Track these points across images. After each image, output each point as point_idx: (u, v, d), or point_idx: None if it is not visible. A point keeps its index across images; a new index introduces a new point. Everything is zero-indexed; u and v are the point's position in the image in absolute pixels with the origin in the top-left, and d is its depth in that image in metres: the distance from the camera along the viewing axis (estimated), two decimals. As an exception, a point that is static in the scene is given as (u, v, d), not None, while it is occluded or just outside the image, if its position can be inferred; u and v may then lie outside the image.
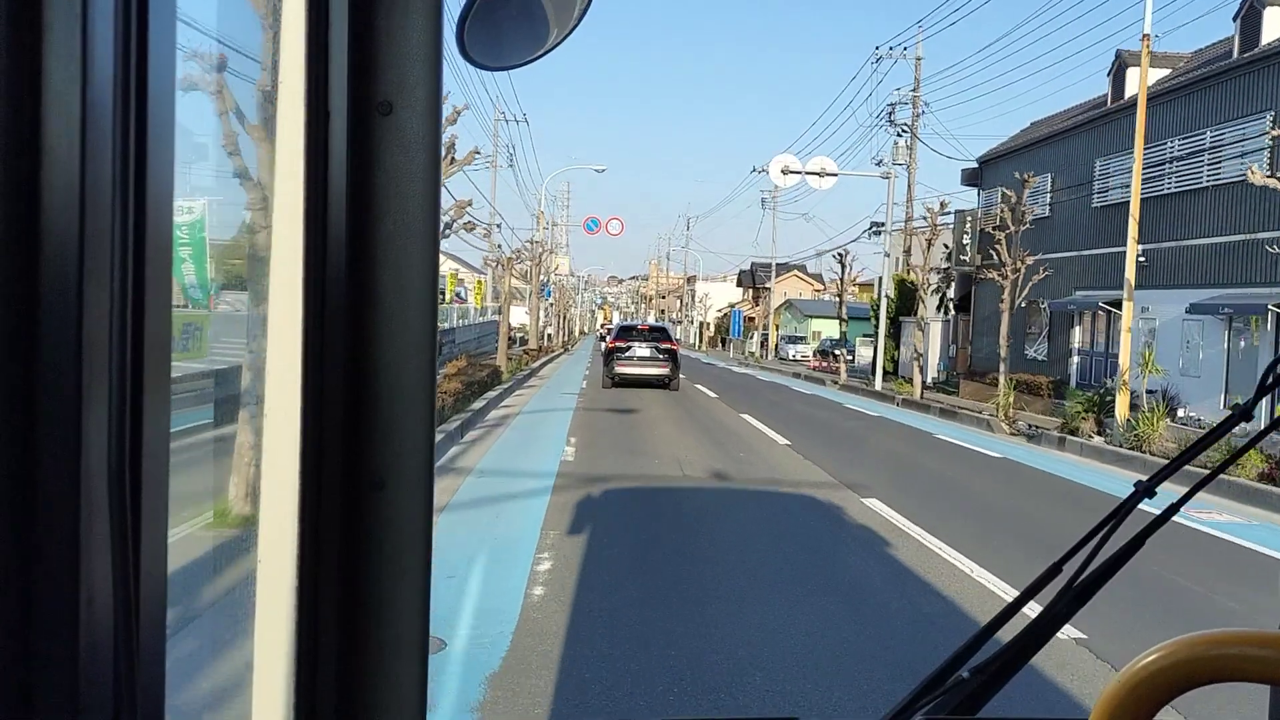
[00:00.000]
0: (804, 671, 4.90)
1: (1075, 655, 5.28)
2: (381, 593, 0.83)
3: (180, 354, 2.14)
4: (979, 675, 0.84)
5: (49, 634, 0.47)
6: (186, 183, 1.53)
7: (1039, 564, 0.94)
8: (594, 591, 6.20)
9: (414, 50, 0.81)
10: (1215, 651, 0.67)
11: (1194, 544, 8.48)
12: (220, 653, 1.14)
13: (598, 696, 4.51)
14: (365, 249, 0.81)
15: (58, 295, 0.46)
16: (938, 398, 24.36)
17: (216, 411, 1.99)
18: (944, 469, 13.00)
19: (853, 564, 7.35)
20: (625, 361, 24.01)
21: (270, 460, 0.80)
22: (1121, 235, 22.40)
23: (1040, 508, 10.39)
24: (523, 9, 1.03)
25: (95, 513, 0.48)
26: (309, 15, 0.77)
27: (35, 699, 0.47)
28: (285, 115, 0.78)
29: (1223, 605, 6.65)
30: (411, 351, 0.82)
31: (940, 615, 6.07)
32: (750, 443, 14.61)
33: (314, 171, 0.79)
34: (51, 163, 0.46)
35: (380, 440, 0.82)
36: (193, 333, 2.63)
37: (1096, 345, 24.07)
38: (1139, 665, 0.68)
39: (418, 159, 0.82)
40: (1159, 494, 0.85)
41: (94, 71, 0.47)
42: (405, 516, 0.83)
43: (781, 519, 8.97)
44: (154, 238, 0.51)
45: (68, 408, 0.46)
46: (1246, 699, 4.19)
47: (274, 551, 0.80)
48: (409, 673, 0.84)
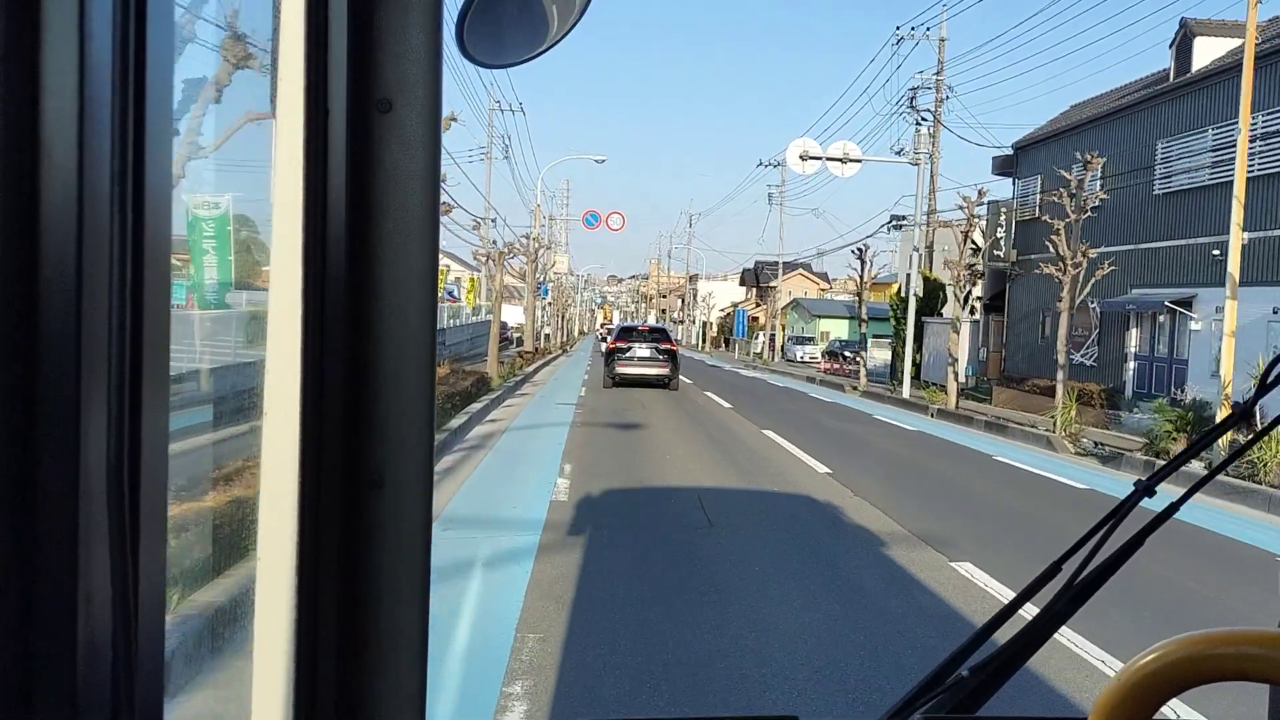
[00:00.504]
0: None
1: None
2: (381, 591, 0.83)
3: (246, 344, 2.09)
4: (978, 674, 0.82)
5: (48, 634, 0.47)
6: (184, 181, 1.29)
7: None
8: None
9: (413, 48, 0.81)
10: (1214, 651, 0.68)
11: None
12: (219, 652, 0.81)
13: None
14: (365, 247, 0.82)
15: (57, 295, 0.46)
16: (976, 408, 21.79)
17: (215, 410, 1.95)
18: (1032, 509, 10.43)
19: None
20: (626, 362, 24.26)
21: (270, 458, 0.80)
22: (1189, 226, 20.05)
23: (1209, 577, 7.53)
24: (522, 6, 1.05)
25: (94, 512, 0.48)
26: (308, 13, 0.78)
27: (34, 699, 0.47)
28: (285, 113, 0.79)
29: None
30: (411, 349, 0.83)
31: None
32: (783, 470, 12.06)
33: (313, 169, 0.79)
34: (50, 164, 0.46)
35: (380, 438, 0.82)
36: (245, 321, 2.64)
37: (1157, 350, 21.50)
38: (1138, 664, 0.70)
39: (417, 157, 0.82)
40: (1158, 493, 0.85)
41: (92, 71, 0.47)
42: (405, 515, 0.83)
43: (855, 606, 6.41)
44: (153, 237, 0.51)
45: (67, 407, 0.47)
46: (1246, 698, 3.38)
47: (273, 550, 0.80)
48: (409, 672, 0.84)
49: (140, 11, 0.50)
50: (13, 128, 0.45)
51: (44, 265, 0.46)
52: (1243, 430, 9.44)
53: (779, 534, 8.41)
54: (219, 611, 3.32)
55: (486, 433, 14.55)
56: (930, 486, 11.74)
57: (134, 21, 0.50)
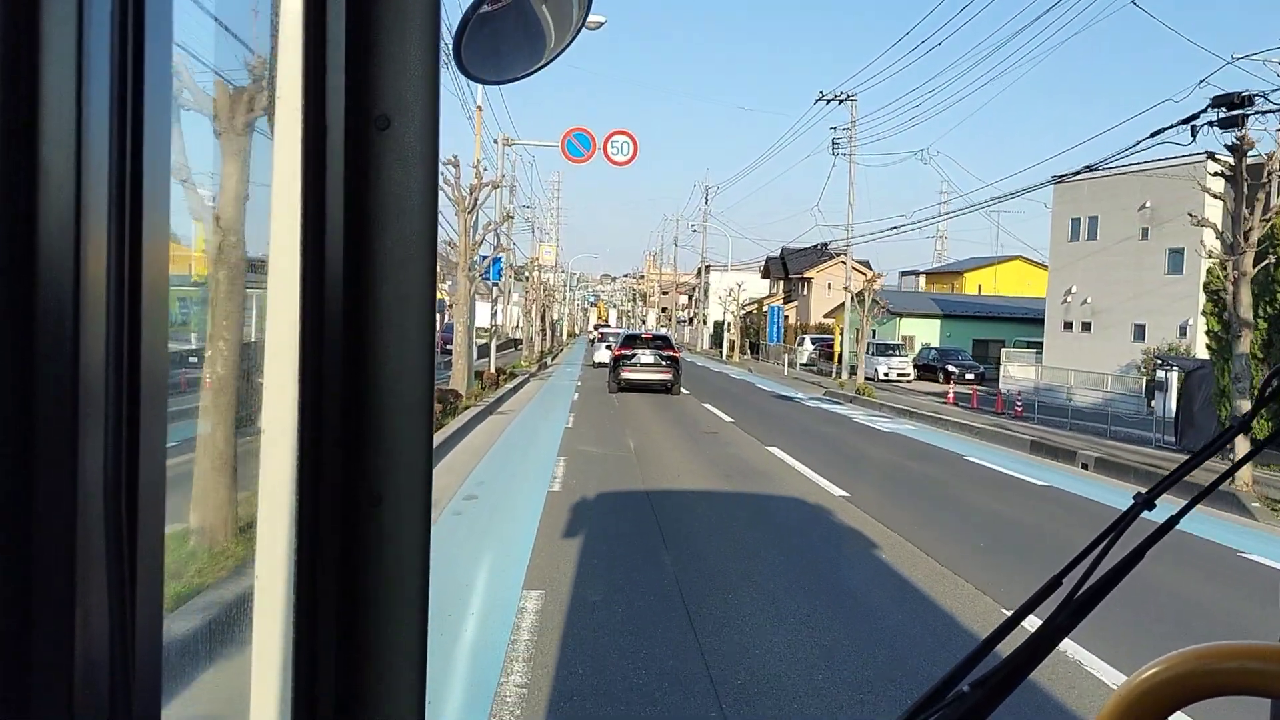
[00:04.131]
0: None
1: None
2: (380, 606, 0.83)
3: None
4: (979, 689, 0.82)
5: (45, 649, 0.47)
6: (183, 197, 1.20)
7: None
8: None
9: (411, 65, 0.82)
10: (1216, 665, 0.67)
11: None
12: (217, 668, 1.10)
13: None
14: (363, 263, 0.82)
15: (53, 308, 0.46)
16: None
17: (213, 425, 1.96)
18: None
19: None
20: (630, 368, 25.26)
21: (268, 473, 0.81)
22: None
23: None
24: (520, 22, 1.04)
25: (91, 527, 0.48)
26: (306, 29, 0.78)
27: (31, 714, 0.47)
28: (282, 129, 0.79)
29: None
30: (410, 365, 0.83)
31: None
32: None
33: (311, 186, 0.80)
34: (48, 179, 0.46)
35: (378, 454, 0.83)
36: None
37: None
38: (1140, 679, 0.68)
39: (415, 174, 0.83)
40: (1158, 506, 0.84)
41: (90, 87, 0.47)
42: (403, 530, 0.83)
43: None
44: (151, 251, 0.52)
45: (64, 421, 0.47)
46: (1248, 712, 2.73)
47: (271, 565, 0.81)
48: (408, 687, 0.83)
49: (138, 28, 0.50)
50: (8, 143, 0.45)
51: (40, 278, 0.46)
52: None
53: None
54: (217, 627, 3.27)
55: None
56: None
57: (131, 39, 0.50)
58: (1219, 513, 11.00)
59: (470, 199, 20.48)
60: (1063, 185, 30.66)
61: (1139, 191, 30.38)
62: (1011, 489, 12.38)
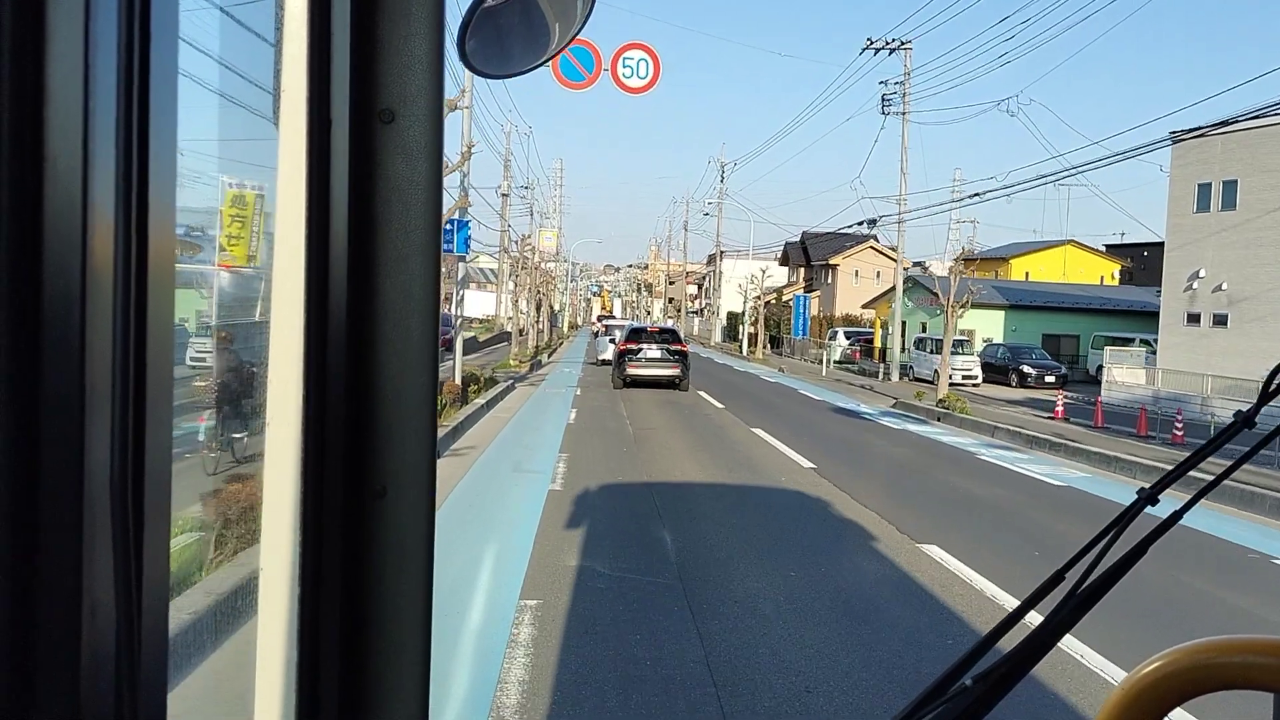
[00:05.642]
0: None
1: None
2: (384, 600, 0.83)
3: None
4: (981, 683, 0.82)
5: (51, 644, 0.47)
6: (187, 190, 1.23)
7: None
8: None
9: (416, 58, 0.82)
10: (1219, 659, 0.67)
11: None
12: (222, 661, 0.83)
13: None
14: (367, 256, 0.82)
15: (60, 303, 0.47)
16: None
17: (219, 419, 1.98)
18: None
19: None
20: (636, 363, 24.26)
21: (272, 467, 0.81)
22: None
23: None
24: (524, 16, 1.04)
25: (98, 522, 0.48)
26: (310, 23, 0.78)
27: (37, 710, 0.47)
28: (287, 123, 0.79)
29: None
30: (414, 358, 0.83)
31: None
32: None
33: (316, 179, 0.80)
34: (54, 174, 0.46)
35: (382, 447, 0.83)
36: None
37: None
38: (1142, 673, 0.68)
39: (419, 167, 0.82)
40: (1161, 501, 0.83)
41: (95, 80, 0.47)
42: (407, 523, 0.83)
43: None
44: (157, 245, 0.51)
45: (70, 416, 0.47)
46: (1250, 705, 2.74)
47: (276, 559, 0.80)
48: (411, 680, 0.83)
49: (144, 22, 0.51)
50: (16, 137, 0.45)
51: (47, 273, 0.46)
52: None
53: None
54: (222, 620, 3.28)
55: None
56: None
57: (138, 32, 0.50)
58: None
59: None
60: (1185, 144, 23.78)
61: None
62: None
